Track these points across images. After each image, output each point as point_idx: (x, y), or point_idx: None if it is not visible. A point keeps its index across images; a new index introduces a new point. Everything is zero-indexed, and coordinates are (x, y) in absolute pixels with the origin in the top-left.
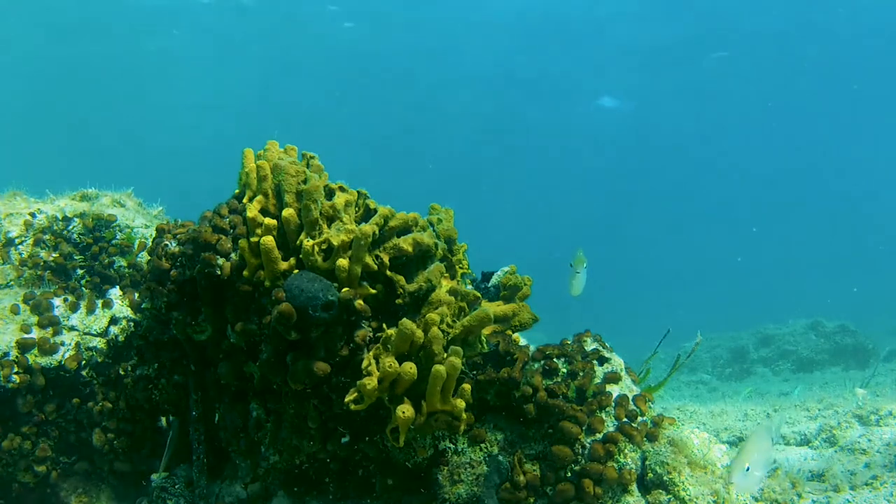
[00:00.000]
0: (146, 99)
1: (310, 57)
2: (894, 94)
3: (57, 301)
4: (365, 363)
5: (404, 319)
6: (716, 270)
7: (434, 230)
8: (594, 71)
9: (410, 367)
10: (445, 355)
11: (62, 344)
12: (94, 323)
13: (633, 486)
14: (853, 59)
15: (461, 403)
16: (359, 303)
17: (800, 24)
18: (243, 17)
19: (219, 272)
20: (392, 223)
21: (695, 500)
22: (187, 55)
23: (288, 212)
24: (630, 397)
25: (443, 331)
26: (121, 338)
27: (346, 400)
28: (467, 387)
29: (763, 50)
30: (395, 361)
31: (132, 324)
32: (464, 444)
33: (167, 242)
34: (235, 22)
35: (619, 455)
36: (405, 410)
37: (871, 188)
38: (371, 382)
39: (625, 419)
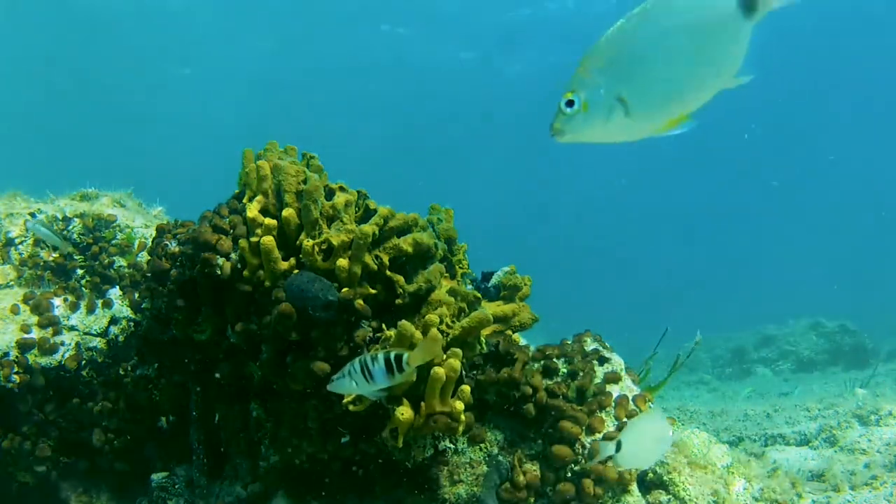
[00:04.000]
0: (146, 98)
1: (311, 56)
2: (894, 92)
3: (57, 301)
4: None
5: (403, 321)
6: (716, 270)
7: (434, 230)
8: None
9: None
10: (444, 357)
11: (62, 344)
12: (94, 323)
13: (634, 486)
14: (853, 56)
15: (460, 405)
16: (359, 303)
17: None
18: (245, 15)
19: (219, 272)
20: (392, 223)
21: (695, 500)
22: (188, 54)
23: (288, 212)
24: (630, 397)
25: (442, 332)
26: (121, 338)
27: (345, 402)
28: (466, 388)
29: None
30: None
31: (132, 324)
32: (464, 443)
33: (167, 242)
34: (237, 20)
35: None
36: (404, 412)
37: (872, 188)
38: None
39: (625, 419)
